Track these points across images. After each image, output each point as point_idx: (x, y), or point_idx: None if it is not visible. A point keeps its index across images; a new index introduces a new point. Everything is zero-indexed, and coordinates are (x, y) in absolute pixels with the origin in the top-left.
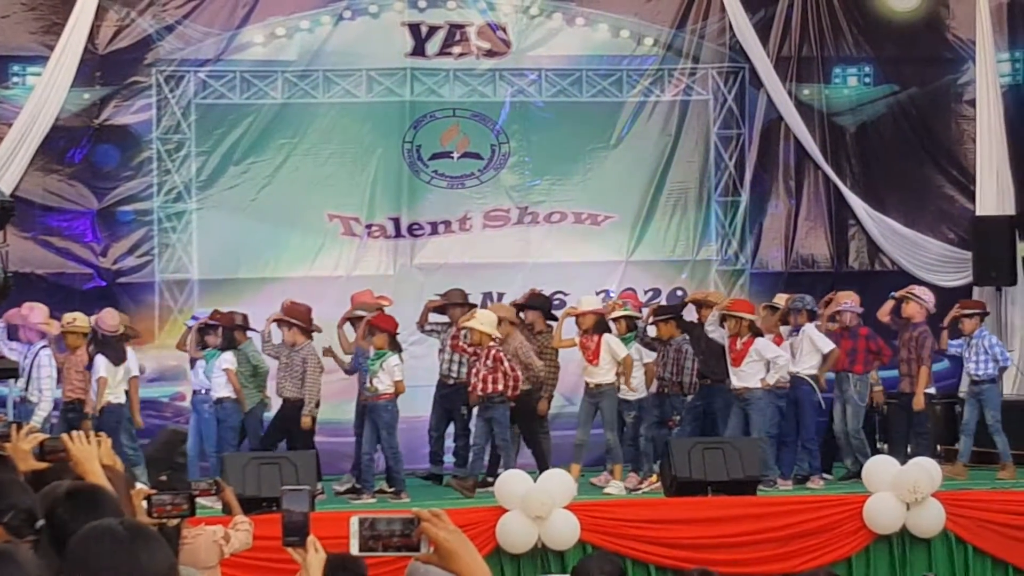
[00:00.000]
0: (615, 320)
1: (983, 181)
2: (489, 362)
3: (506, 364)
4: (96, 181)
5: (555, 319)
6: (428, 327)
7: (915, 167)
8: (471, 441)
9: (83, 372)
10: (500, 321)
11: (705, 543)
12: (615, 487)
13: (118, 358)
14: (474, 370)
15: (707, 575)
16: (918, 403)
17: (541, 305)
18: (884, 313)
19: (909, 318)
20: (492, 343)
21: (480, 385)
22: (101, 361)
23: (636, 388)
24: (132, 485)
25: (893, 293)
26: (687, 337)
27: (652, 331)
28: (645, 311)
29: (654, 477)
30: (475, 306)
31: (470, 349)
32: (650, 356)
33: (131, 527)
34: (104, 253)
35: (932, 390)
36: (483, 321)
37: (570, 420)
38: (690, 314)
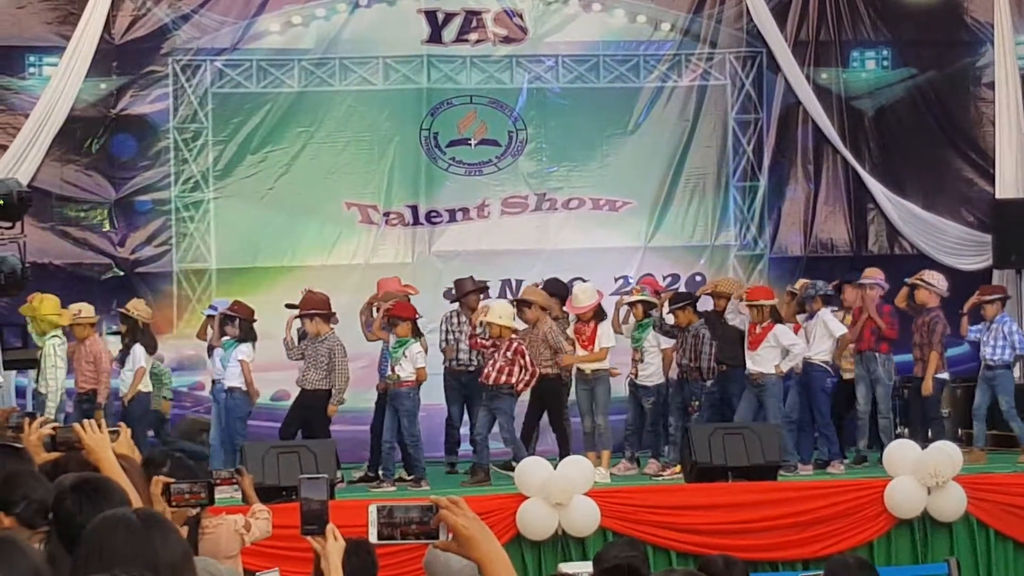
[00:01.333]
0: (632, 305)
1: (1002, 164)
2: (509, 354)
3: (527, 359)
4: (113, 171)
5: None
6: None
7: (934, 150)
8: (475, 431)
9: (94, 362)
10: (531, 305)
11: (726, 529)
12: (600, 474)
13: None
14: (491, 360)
15: (730, 562)
16: (927, 388)
17: (558, 291)
18: (900, 299)
19: (922, 304)
20: (514, 335)
21: (493, 375)
22: (140, 351)
23: (652, 375)
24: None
25: (906, 279)
26: (704, 323)
27: (670, 319)
28: (662, 297)
29: (677, 468)
30: (486, 289)
31: (488, 343)
32: (668, 343)
33: (145, 516)
34: (122, 243)
35: (946, 375)
36: (500, 314)
37: None
38: (706, 302)
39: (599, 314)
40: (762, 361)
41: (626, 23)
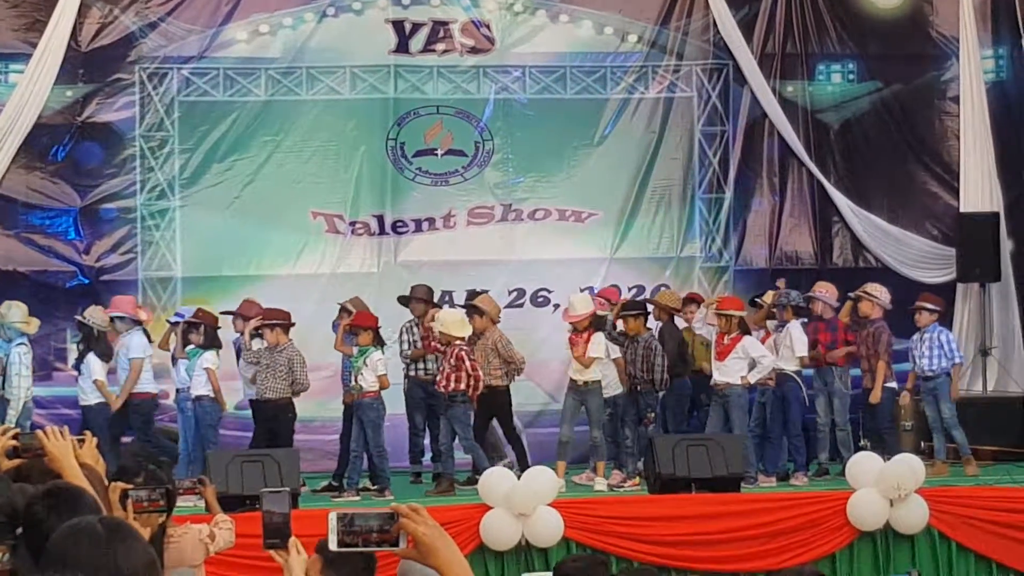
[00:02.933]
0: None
1: (967, 178)
2: (453, 361)
3: (467, 363)
4: (79, 179)
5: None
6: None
7: (899, 164)
8: (439, 441)
9: None
10: (482, 314)
11: (689, 540)
12: (600, 484)
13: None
14: (440, 368)
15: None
16: (875, 397)
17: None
18: (844, 314)
19: (865, 316)
20: (459, 341)
21: (444, 383)
22: (94, 360)
23: (608, 385)
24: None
25: (849, 294)
26: (654, 333)
27: (620, 325)
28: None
29: (636, 479)
30: (437, 305)
31: (442, 348)
32: (617, 352)
33: (109, 525)
34: (87, 251)
35: (894, 384)
36: (446, 322)
37: (553, 417)
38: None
39: (595, 324)
40: (728, 372)
41: (593, 34)
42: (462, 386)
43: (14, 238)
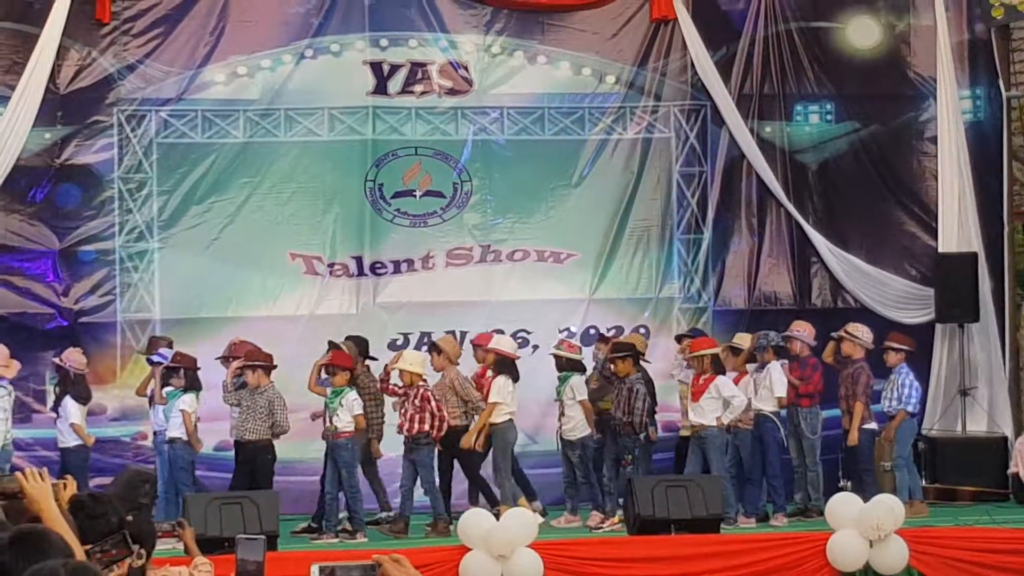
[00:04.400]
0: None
1: (945, 218)
2: (417, 401)
3: (433, 404)
4: (57, 221)
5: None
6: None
7: (877, 204)
8: (400, 483)
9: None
10: (440, 352)
11: None
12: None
13: (85, 397)
14: (402, 410)
15: None
16: (852, 439)
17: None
18: (827, 354)
19: (848, 356)
20: (422, 383)
21: (407, 425)
22: (70, 403)
23: (576, 427)
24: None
25: (832, 334)
26: (640, 377)
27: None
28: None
29: (616, 519)
30: (372, 357)
31: (400, 391)
32: (583, 395)
33: (74, 569)
34: (66, 293)
35: (874, 425)
36: (411, 361)
37: (533, 459)
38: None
39: (501, 367)
40: (703, 413)
41: (571, 76)
42: (426, 427)
43: None
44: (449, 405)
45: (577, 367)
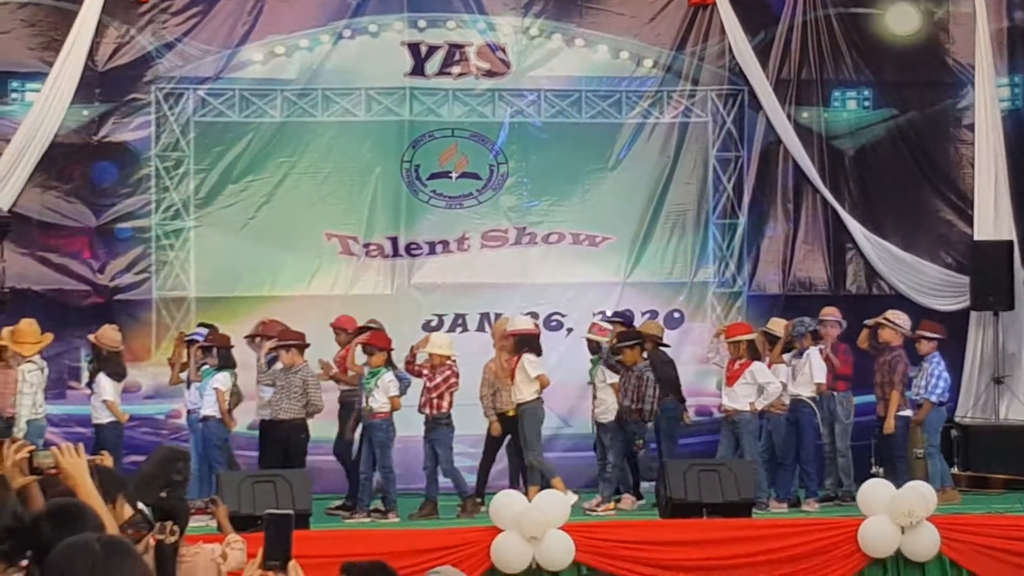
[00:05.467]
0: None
1: (981, 206)
2: (440, 379)
3: (457, 380)
4: (94, 198)
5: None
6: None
7: (913, 191)
8: (423, 465)
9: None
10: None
11: (700, 565)
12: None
13: (119, 374)
14: (425, 389)
15: None
16: (888, 427)
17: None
18: (862, 340)
19: (886, 343)
20: (449, 363)
21: (429, 404)
22: (104, 380)
23: (606, 411)
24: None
25: (866, 321)
26: (649, 364)
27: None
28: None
29: (611, 504)
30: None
31: (426, 370)
32: (614, 378)
33: (107, 543)
34: (101, 270)
35: (909, 412)
36: (440, 344)
37: (567, 441)
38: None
39: (521, 347)
40: (737, 398)
41: (609, 59)
42: (445, 406)
43: (29, 257)
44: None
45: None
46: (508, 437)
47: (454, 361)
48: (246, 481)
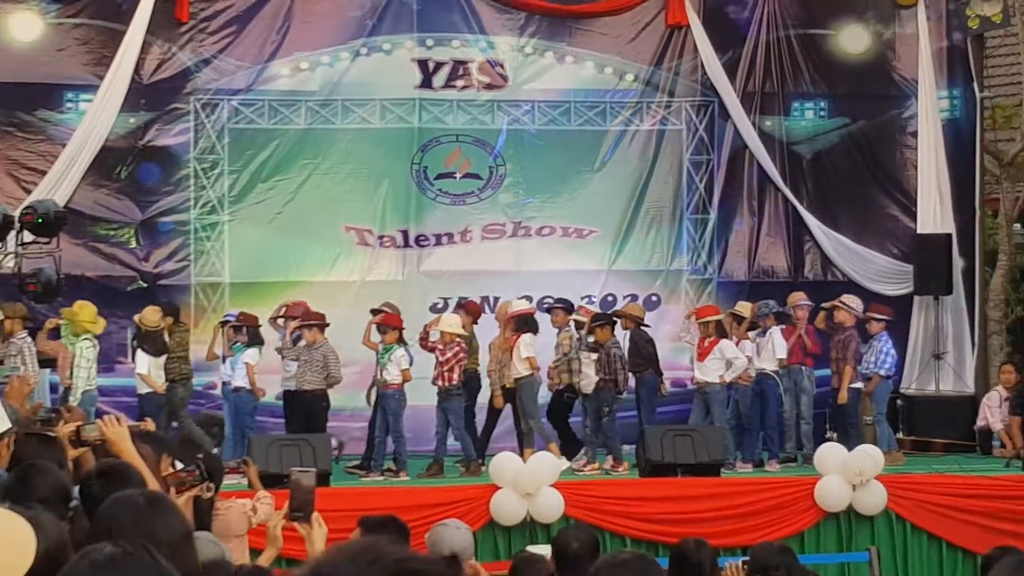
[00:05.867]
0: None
1: (924, 203)
2: (450, 353)
3: (465, 354)
4: (140, 195)
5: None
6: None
7: (864, 190)
8: (435, 430)
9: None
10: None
11: (674, 518)
12: (560, 464)
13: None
14: (437, 363)
15: (700, 543)
16: (842, 397)
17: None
18: (819, 321)
19: (840, 324)
20: (458, 339)
21: (441, 376)
22: (140, 355)
23: (589, 384)
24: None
25: (823, 304)
26: (618, 342)
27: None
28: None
29: (596, 464)
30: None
31: (440, 346)
32: (594, 355)
33: (150, 498)
34: (146, 258)
35: (860, 385)
36: (450, 323)
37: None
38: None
39: (520, 327)
40: (708, 371)
41: (595, 73)
42: (454, 375)
43: (82, 247)
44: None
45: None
46: (507, 406)
47: (463, 338)
48: (274, 444)
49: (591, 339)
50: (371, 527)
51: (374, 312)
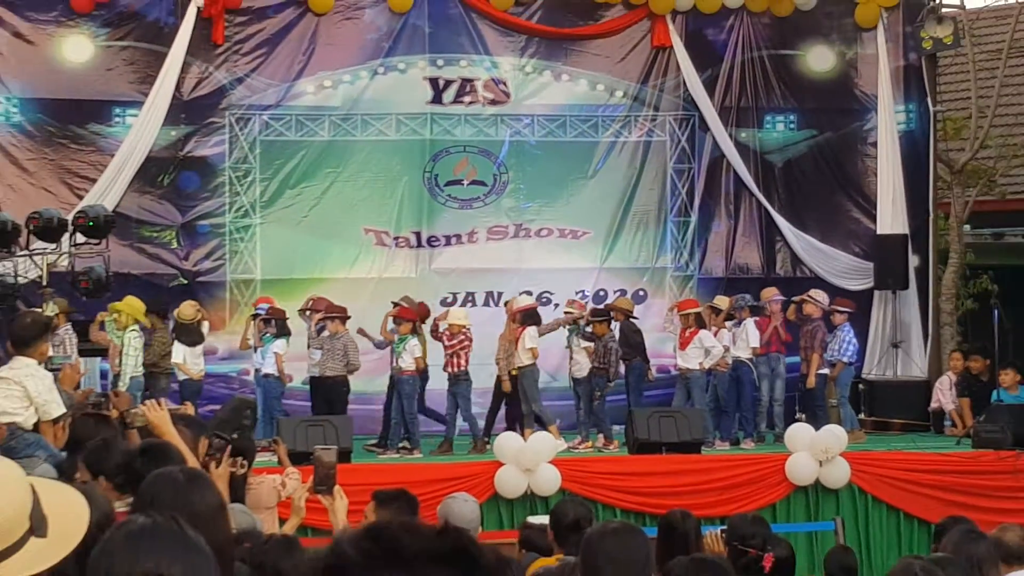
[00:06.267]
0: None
1: (882, 207)
2: (455, 343)
3: (471, 344)
4: (180, 200)
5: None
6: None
7: (829, 195)
8: (445, 412)
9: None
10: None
11: (660, 491)
12: (558, 445)
13: (194, 341)
14: (447, 353)
15: (685, 514)
16: (810, 383)
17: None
18: (789, 313)
19: (809, 315)
20: (464, 331)
21: (451, 364)
22: (178, 346)
23: (580, 369)
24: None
25: (792, 298)
26: (614, 335)
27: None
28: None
29: (590, 442)
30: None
31: (450, 336)
32: (587, 344)
33: (188, 473)
34: (186, 258)
35: (826, 371)
36: (457, 316)
37: (553, 393)
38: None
39: (527, 320)
40: (689, 359)
41: (588, 90)
42: (462, 362)
43: (129, 247)
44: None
45: (576, 321)
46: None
47: (468, 328)
48: (301, 425)
49: (589, 330)
50: (383, 500)
51: (395, 304)
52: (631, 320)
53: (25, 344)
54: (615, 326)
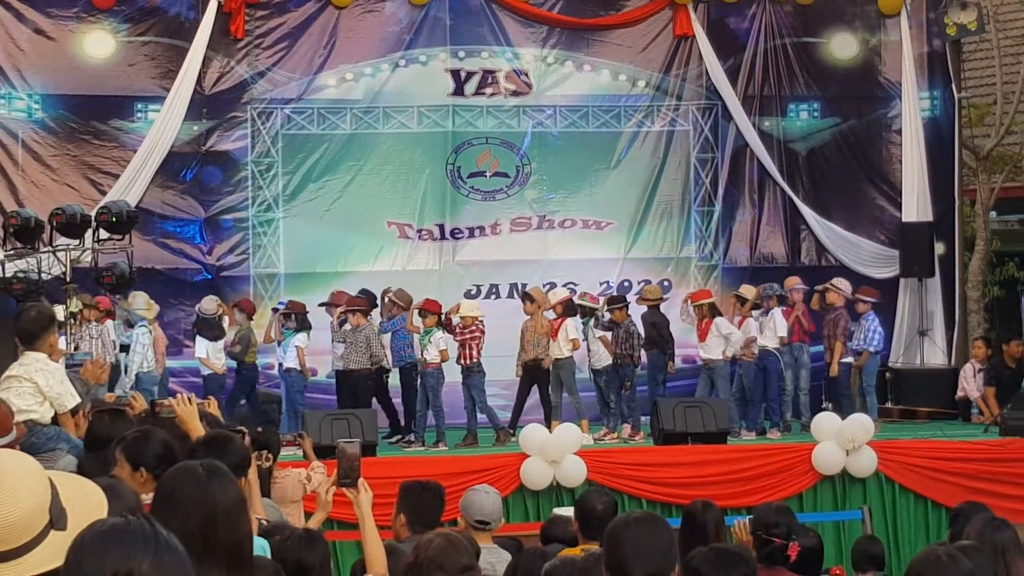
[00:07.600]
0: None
1: (907, 194)
2: (468, 335)
3: (483, 335)
4: (203, 195)
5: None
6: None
7: (854, 183)
8: (463, 404)
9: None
10: (533, 301)
11: (686, 482)
12: (584, 439)
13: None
14: (460, 345)
15: (707, 505)
16: (834, 371)
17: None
18: (813, 302)
19: (832, 304)
20: (477, 323)
21: (464, 356)
22: (199, 341)
23: (598, 360)
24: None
25: (816, 287)
26: (634, 321)
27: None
28: (602, 300)
29: (615, 433)
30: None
31: (463, 329)
32: (602, 333)
33: (209, 467)
34: (210, 252)
35: (850, 359)
36: (469, 308)
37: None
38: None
39: (568, 312)
40: (710, 349)
41: (610, 80)
42: (474, 353)
43: (152, 242)
44: (540, 345)
45: (592, 313)
46: (535, 384)
47: (481, 320)
48: (326, 418)
49: (607, 319)
50: (409, 490)
51: (383, 294)
52: (655, 310)
53: (33, 338)
54: (641, 312)
